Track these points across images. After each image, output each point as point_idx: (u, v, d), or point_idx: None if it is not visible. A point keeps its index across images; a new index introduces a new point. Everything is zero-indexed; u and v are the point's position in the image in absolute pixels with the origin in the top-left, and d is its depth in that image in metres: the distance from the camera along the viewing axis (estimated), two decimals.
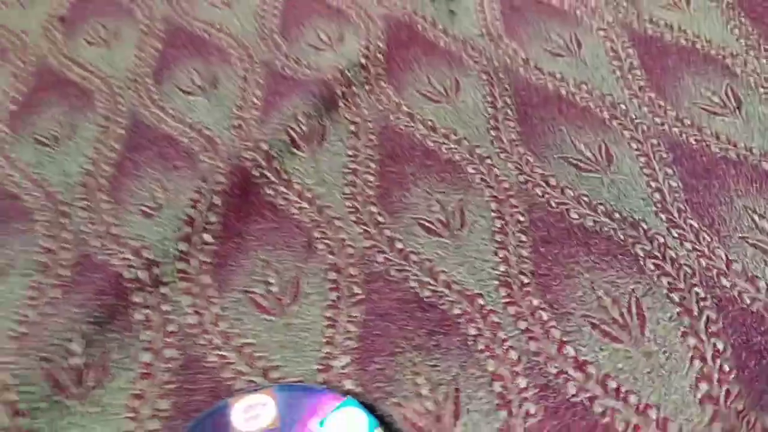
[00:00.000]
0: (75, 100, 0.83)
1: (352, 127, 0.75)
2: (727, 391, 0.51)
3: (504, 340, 0.56)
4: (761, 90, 0.75)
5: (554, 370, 0.53)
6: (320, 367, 0.55)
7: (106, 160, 0.75)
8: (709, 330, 0.55)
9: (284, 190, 0.69)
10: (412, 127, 0.75)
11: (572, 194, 0.66)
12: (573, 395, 0.52)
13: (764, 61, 0.78)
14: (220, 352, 0.57)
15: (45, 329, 0.57)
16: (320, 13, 0.93)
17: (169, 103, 0.81)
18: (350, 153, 0.73)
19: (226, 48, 0.89)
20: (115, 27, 0.94)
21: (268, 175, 0.70)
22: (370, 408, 0.52)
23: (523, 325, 0.56)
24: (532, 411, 0.51)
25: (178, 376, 0.55)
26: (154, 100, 0.82)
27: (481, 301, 0.58)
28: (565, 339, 0.55)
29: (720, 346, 0.54)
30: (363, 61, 0.82)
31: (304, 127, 0.75)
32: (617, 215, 0.64)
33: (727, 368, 0.52)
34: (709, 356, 0.53)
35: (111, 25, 0.94)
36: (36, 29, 0.95)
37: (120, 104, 0.82)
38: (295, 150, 0.73)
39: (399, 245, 0.63)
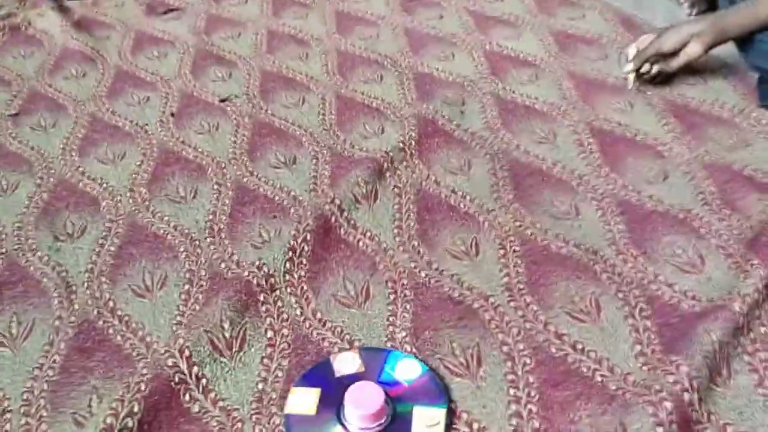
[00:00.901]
0: (192, 172, 1.12)
1: (396, 190, 1.04)
2: (652, 349, 0.78)
3: (508, 322, 0.82)
4: (682, 167, 1.05)
5: (542, 338, 0.80)
6: (386, 338, 0.82)
7: (222, 211, 1.03)
8: (642, 315, 0.82)
9: (352, 230, 0.97)
10: (439, 190, 1.04)
11: (552, 234, 0.94)
12: (554, 353, 0.78)
13: (685, 147, 1.09)
14: (319, 331, 0.83)
15: (206, 314, 0.84)
16: (365, 112, 1.24)
17: (263, 173, 1.10)
18: (396, 207, 1.01)
19: (299, 136, 1.19)
20: (215, 121, 1.25)
21: (341, 221, 0.99)
22: (422, 361, 0.78)
23: (520, 313, 0.83)
24: (528, 362, 0.77)
25: (292, 345, 0.82)
26: (251, 172, 1.11)
27: (491, 300, 0.85)
28: (548, 321, 0.82)
29: (648, 323, 0.81)
30: (401, 145, 1.13)
31: (363, 190, 1.04)
32: (582, 246, 0.92)
33: (653, 337, 0.79)
34: (641, 329, 0.80)
35: (212, 120, 1.25)
36: (154, 122, 1.25)
37: (226, 175, 1.11)
38: (358, 205, 1.01)
39: (435, 265, 0.91)
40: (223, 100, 1.30)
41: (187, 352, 0.79)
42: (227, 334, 0.82)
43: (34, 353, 0.83)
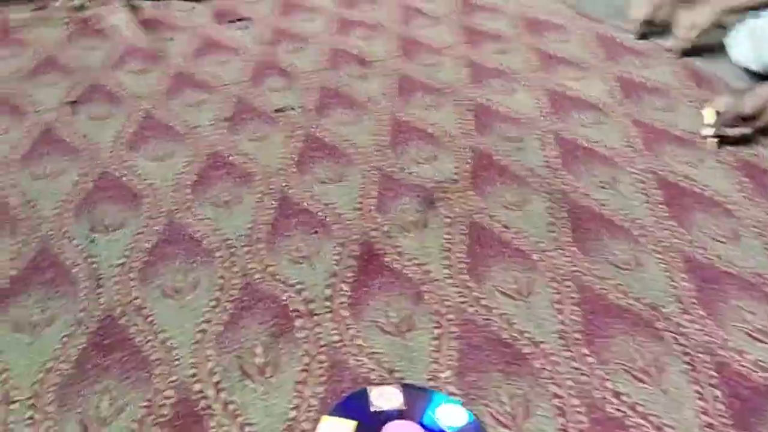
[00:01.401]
0: (238, 178, 1.07)
1: (447, 220, 0.98)
2: (722, 422, 0.69)
3: (562, 374, 0.74)
4: (755, 229, 0.97)
5: (598, 395, 0.72)
6: (429, 376, 0.74)
7: (263, 221, 0.98)
8: (709, 382, 0.73)
9: (398, 257, 0.91)
10: (492, 224, 0.97)
11: (612, 283, 0.87)
12: (612, 413, 0.70)
13: (758, 208, 1.01)
14: (357, 358, 0.76)
15: (237, 337, 0.77)
16: (420, 137, 1.19)
17: (309, 187, 1.05)
18: (446, 237, 0.95)
19: (350, 154, 1.14)
20: (265, 132, 1.20)
21: (387, 247, 0.92)
22: (467, 408, 0.70)
23: (575, 364, 0.76)
24: (583, 420, 0.69)
25: (329, 371, 0.75)
26: (297, 184, 1.06)
27: (544, 347, 0.78)
28: (606, 377, 0.74)
29: (716, 392, 0.72)
30: (455, 175, 1.06)
31: (413, 217, 0.98)
32: (643, 300, 0.84)
33: (721, 407, 0.71)
34: (708, 397, 0.72)
35: (263, 130, 1.20)
36: (206, 125, 1.21)
37: (271, 185, 1.06)
38: (406, 232, 0.95)
39: (484, 302, 0.84)
40: (278, 110, 1.25)
41: (216, 378, 0.73)
42: (259, 360, 0.76)
43: (52, 343, 0.77)
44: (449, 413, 0.69)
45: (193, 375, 0.73)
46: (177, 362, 0.75)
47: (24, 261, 0.90)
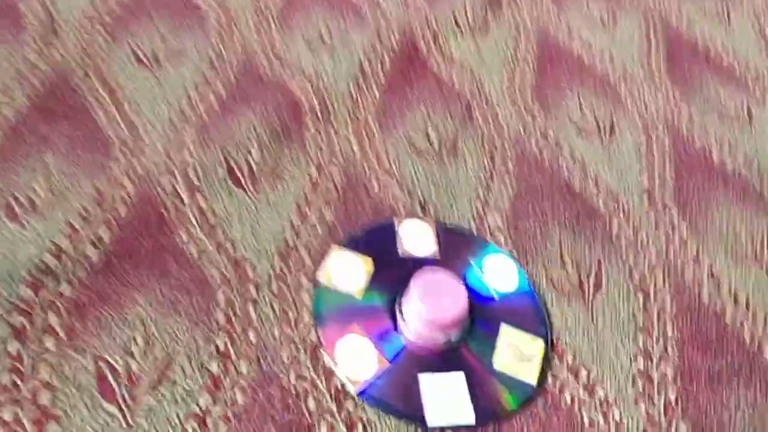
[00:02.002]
0: None
1: (513, 25, 0.74)
2: None
3: (644, 241, 0.56)
4: None
5: (689, 276, 0.54)
6: (474, 217, 0.55)
7: None
8: None
9: (446, 63, 0.68)
10: (570, 41, 0.74)
11: (715, 137, 0.66)
12: (705, 301, 0.53)
13: None
14: (382, 179, 0.57)
15: (228, 130, 0.57)
16: None
17: None
18: (512, 48, 0.72)
19: None
20: None
21: (433, 48, 0.69)
22: (519, 265, 0.52)
23: (662, 230, 0.57)
24: (668, 303, 0.52)
25: (343, 193, 0.55)
26: None
27: (624, 204, 0.58)
28: (701, 253, 0.56)
29: None
30: None
31: (469, 17, 0.73)
32: (755, 168, 0.64)
33: None
34: None
35: None
36: None
37: None
38: (460, 34, 0.72)
39: (552, 137, 0.63)
40: None
41: (193, 175, 0.53)
42: (254, 160, 0.56)
43: None
44: (497, 271, 0.51)
45: (166, 168, 0.53)
46: (144, 149, 0.55)
47: None
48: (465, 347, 0.46)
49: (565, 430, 0.45)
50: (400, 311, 0.46)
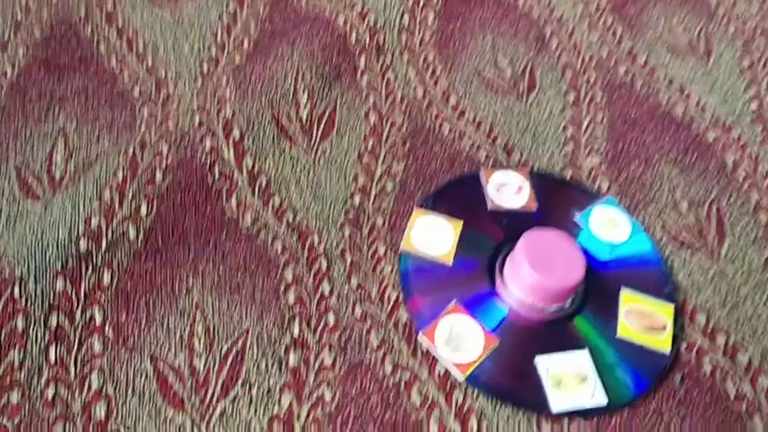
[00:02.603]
0: None
1: None
2: None
3: (766, 175, 0.49)
4: None
5: None
6: (566, 161, 0.48)
7: None
8: None
9: None
10: None
11: None
12: None
13: None
14: (453, 123, 0.49)
15: (270, 74, 0.48)
16: None
17: None
18: None
19: None
20: None
21: None
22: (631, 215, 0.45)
23: None
24: None
25: (410, 140, 0.48)
26: None
27: (735, 132, 0.51)
28: None
29: None
30: None
31: None
32: None
33: None
34: None
35: None
36: None
37: None
38: None
39: (641, 60, 0.55)
40: None
41: (236, 134, 0.45)
42: (305, 113, 0.48)
43: None
44: (608, 225, 0.44)
45: (203, 125, 0.46)
46: (173, 103, 0.47)
47: None
48: (580, 316, 0.39)
49: (708, 406, 0.38)
50: (501, 276, 0.39)
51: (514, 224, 0.42)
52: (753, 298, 0.42)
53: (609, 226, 0.43)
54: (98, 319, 0.37)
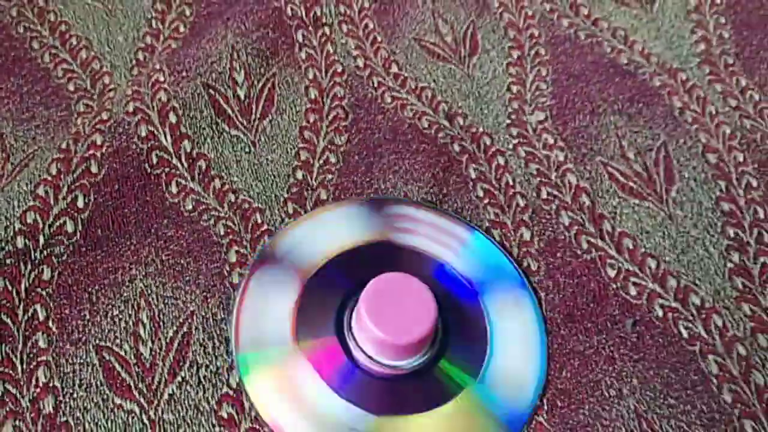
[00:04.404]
0: None
1: None
2: None
3: (713, 116, 0.49)
4: None
5: (760, 136, 0.48)
6: (511, 120, 0.48)
7: None
8: None
9: None
10: None
11: None
12: None
13: None
14: (395, 95, 0.49)
15: (200, 56, 0.49)
16: None
17: None
18: None
19: None
20: None
21: None
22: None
23: (733, 102, 0.50)
24: (754, 184, 0.46)
25: (351, 112, 0.48)
26: None
27: (682, 76, 0.51)
28: None
29: None
30: None
31: None
32: None
33: None
34: None
35: None
36: None
37: None
38: None
39: (584, 11, 0.55)
40: None
41: (173, 118, 0.46)
42: (242, 92, 0.48)
43: None
44: (472, 255, 0.41)
45: (139, 113, 0.46)
46: (108, 94, 0.48)
47: None
48: (444, 358, 0.37)
49: (662, 349, 0.39)
50: (352, 335, 0.37)
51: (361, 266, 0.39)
52: (704, 240, 0.43)
53: (476, 255, 0.41)
54: (41, 315, 0.38)
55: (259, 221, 0.42)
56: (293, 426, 0.35)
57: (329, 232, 0.41)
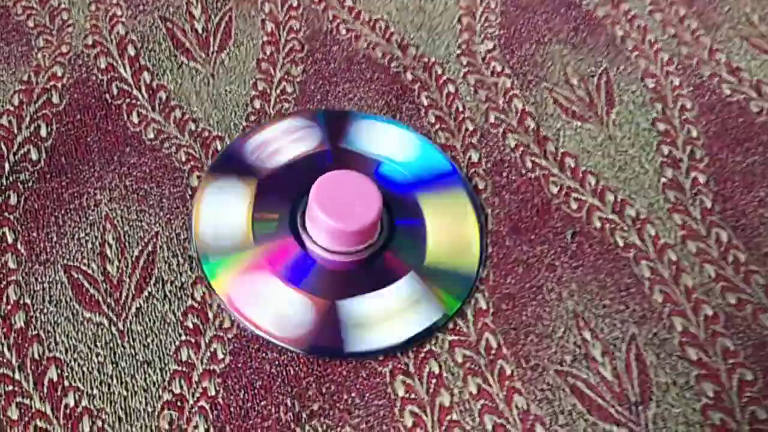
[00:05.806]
0: None
1: None
2: None
3: (653, 43, 0.52)
4: None
5: (707, 72, 0.50)
6: (461, 50, 0.50)
7: None
8: None
9: None
10: None
11: None
12: (728, 95, 0.49)
13: None
14: (350, 27, 0.51)
15: None
16: None
17: None
18: None
19: None
20: None
21: None
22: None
23: (671, 30, 0.52)
24: (688, 106, 0.48)
25: (308, 45, 0.50)
26: None
27: (624, 6, 0.54)
28: (715, 47, 0.52)
29: None
30: None
31: None
32: None
33: None
34: None
35: None
36: None
37: None
38: None
39: None
40: None
41: (131, 51, 0.47)
42: (200, 26, 0.49)
43: None
44: (405, 150, 0.44)
45: (98, 46, 0.47)
46: (67, 29, 0.48)
47: None
48: (389, 249, 0.40)
49: (599, 256, 0.42)
50: (305, 231, 0.40)
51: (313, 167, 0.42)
52: (640, 158, 0.46)
53: (407, 150, 0.44)
54: (10, 238, 0.40)
55: (219, 148, 0.44)
56: (261, 321, 0.38)
57: (280, 143, 0.43)
